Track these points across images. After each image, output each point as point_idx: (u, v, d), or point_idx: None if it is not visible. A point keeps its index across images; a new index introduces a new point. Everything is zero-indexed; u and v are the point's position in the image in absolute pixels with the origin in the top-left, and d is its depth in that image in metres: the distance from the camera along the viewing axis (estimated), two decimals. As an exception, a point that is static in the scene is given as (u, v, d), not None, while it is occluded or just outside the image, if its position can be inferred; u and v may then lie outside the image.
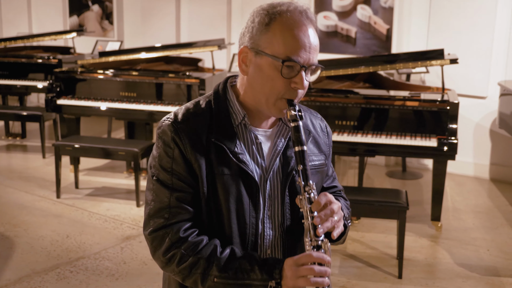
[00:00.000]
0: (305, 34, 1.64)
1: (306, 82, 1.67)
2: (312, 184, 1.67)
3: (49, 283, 3.98)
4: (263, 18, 1.67)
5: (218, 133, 1.72)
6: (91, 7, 9.03)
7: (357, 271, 4.24)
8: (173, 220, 1.73)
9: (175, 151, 1.72)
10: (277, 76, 1.65)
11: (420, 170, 6.69)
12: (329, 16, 6.95)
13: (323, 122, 1.96)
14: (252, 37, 1.69)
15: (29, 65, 7.41)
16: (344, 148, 4.80)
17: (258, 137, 1.78)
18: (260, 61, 1.67)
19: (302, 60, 1.64)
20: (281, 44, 1.64)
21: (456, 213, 5.41)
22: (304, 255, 1.64)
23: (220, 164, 1.71)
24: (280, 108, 1.69)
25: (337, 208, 1.69)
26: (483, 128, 6.41)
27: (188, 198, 1.73)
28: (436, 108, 4.70)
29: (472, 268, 4.31)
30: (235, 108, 1.76)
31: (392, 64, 4.98)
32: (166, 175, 1.74)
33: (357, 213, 4.29)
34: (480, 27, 6.17)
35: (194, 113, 1.76)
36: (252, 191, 1.74)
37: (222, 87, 1.80)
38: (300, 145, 1.67)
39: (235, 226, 1.75)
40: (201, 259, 1.70)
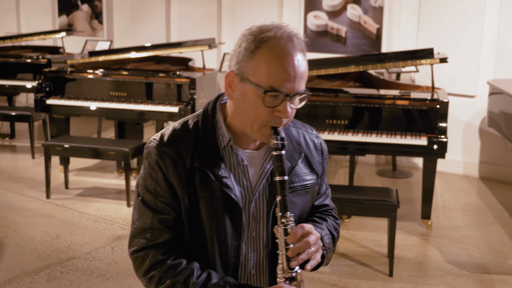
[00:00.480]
0: (290, 64, 1.61)
1: (290, 111, 1.65)
2: (290, 216, 1.66)
3: (39, 284, 3.97)
4: (249, 44, 1.64)
5: (202, 157, 1.72)
6: (80, 6, 9.00)
7: (348, 269, 4.25)
8: (155, 242, 1.75)
9: (158, 174, 1.74)
10: (260, 105, 1.63)
11: (410, 169, 6.72)
12: (319, 15, 6.97)
13: (318, 139, 1.93)
14: (238, 62, 1.66)
15: (17, 65, 7.38)
16: (335, 147, 4.81)
17: (244, 160, 1.77)
18: (245, 87, 1.65)
19: (286, 90, 1.62)
20: (265, 74, 1.61)
21: (446, 211, 5.44)
22: (275, 287, 1.64)
23: (203, 188, 1.72)
24: (264, 135, 1.68)
25: (314, 240, 1.68)
26: (472, 127, 6.44)
27: (170, 221, 1.75)
28: (426, 107, 4.72)
29: (462, 266, 4.33)
30: (222, 130, 1.76)
31: (382, 63, 5.00)
32: (150, 196, 1.76)
33: (348, 212, 4.31)
34: (469, 26, 6.20)
35: (180, 135, 1.76)
36: (235, 214, 1.74)
37: (211, 107, 1.80)
38: (281, 175, 1.66)
39: (217, 249, 1.76)
40: (177, 283, 1.71)
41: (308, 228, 1.68)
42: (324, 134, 4.79)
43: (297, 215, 1.83)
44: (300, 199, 1.82)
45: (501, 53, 6.12)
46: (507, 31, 6.06)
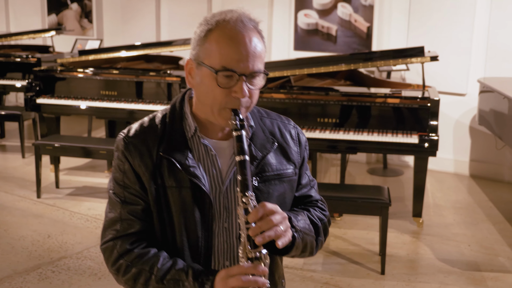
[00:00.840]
0: (240, 42, 1.62)
1: (247, 91, 1.65)
2: (251, 195, 1.61)
3: (31, 284, 3.95)
4: (203, 29, 1.67)
5: (168, 146, 1.73)
6: (70, 5, 8.95)
7: (340, 267, 4.26)
8: (124, 233, 1.76)
9: (125, 165, 1.75)
10: (215, 86, 1.64)
11: (401, 167, 6.74)
12: (310, 14, 6.97)
13: (295, 130, 1.92)
14: (194, 48, 1.70)
15: (7, 64, 7.34)
16: (326, 146, 4.81)
17: (212, 149, 1.76)
18: (201, 72, 1.67)
19: (239, 69, 1.62)
20: (217, 54, 1.63)
21: (437, 209, 5.46)
22: (236, 266, 1.62)
23: (171, 178, 1.72)
24: (226, 118, 1.68)
25: (279, 219, 1.62)
26: (463, 125, 6.47)
27: (139, 211, 1.75)
28: (417, 105, 4.73)
29: (454, 263, 4.35)
30: (188, 120, 1.77)
31: (373, 61, 5.00)
32: (119, 188, 1.77)
33: (340, 210, 4.32)
34: (459, 24, 6.23)
35: (148, 127, 1.78)
36: (204, 204, 1.73)
37: (180, 100, 1.81)
38: (241, 155, 1.64)
39: (185, 239, 1.75)
40: (143, 270, 1.71)
41: (271, 206, 1.62)
42: (315, 132, 4.79)
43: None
44: (274, 188, 1.80)
45: (491, 51, 6.15)
46: (497, 29, 6.08)
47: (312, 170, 5.48)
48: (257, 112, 1.88)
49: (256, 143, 1.80)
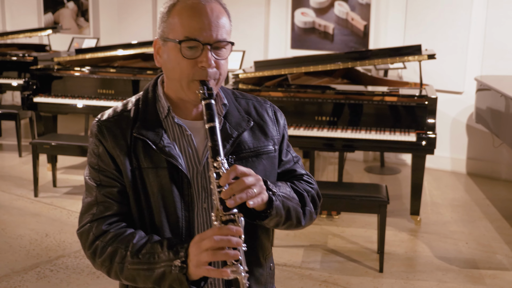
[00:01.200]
0: (202, 12, 1.64)
1: (212, 61, 1.65)
2: (222, 160, 1.59)
3: (29, 282, 3.94)
4: (166, 7, 1.70)
5: (141, 127, 1.73)
6: (66, 4, 8.94)
7: (339, 265, 4.27)
8: (100, 215, 1.73)
9: (99, 148, 1.74)
10: (181, 58, 1.65)
11: (398, 165, 6.75)
12: (307, 12, 6.97)
13: (272, 108, 1.91)
14: (159, 26, 1.72)
15: (3, 62, 7.31)
16: (324, 144, 4.81)
17: (187, 129, 1.75)
18: (167, 48, 1.69)
19: (202, 38, 1.63)
20: (179, 26, 1.65)
21: (434, 207, 5.47)
22: (209, 229, 1.56)
23: (147, 158, 1.71)
24: (195, 91, 1.68)
25: (252, 180, 1.59)
26: (460, 123, 6.48)
27: (115, 193, 1.73)
28: (414, 103, 4.74)
29: (451, 261, 4.36)
30: (161, 101, 1.77)
31: (370, 60, 5.01)
32: (94, 172, 1.75)
33: (338, 208, 4.32)
34: (456, 22, 6.24)
35: (121, 110, 1.79)
36: (182, 184, 1.72)
37: (153, 83, 1.82)
38: (210, 122, 1.63)
39: (165, 220, 1.72)
40: (118, 249, 1.67)
41: (244, 169, 1.58)
42: (313, 130, 4.79)
43: None
44: (252, 166, 1.76)
45: (488, 49, 6.16)
46: (494, 27, 6.10)
47: (310, 169, 5.49)
48: (232, 93, 1.88)
49: (231, 122, 1.79)
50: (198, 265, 1.54)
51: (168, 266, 1.59)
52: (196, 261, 1.54)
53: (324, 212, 5.06)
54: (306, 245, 4.58)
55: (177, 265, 1.57)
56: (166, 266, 1.59)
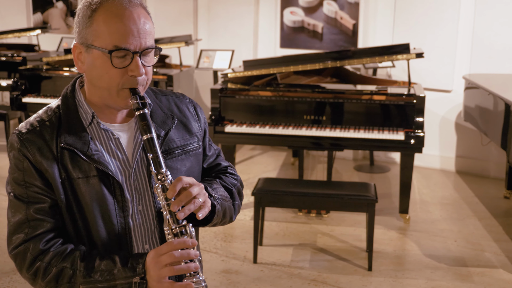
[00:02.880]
0: (129, 19, 1.60)
1: (143, 69, 1.64)
2: (165, 171, 1.62)
3: (17, 283, 3.93)
4: (86, 11, 1.63)
5: (67, 137, 1.67)
6: (55, 3, 8.90)
7: (328, 264, 4.28)
8: (33, 234, 1.67)
9: (24, 163, 1.66)
10: (110, 67, 1.61)
11: (387, 163, 6.76)
12: (296, 11, 6.97)
13: (191, 104, 1.92)
14: (80, 32, 1.65)
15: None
16: (313, 143, 4.82)
17: (114, 133, 1.73)
18: (92, 55, 1.64)
19: (132, 46, 1.60)
20: (106, 34, 1.60)
21: (423, 205, 5.48)
22: (165, 244, 1.59)
23: (76, 168, 1.66)
24: (125, 98, 1.66)
25: (197, 190, 1.63)
26: (449, 122, 6.50)
27: (46, 209, 1.68)
28: (403, 102, 4.75)
29: (440, 259, 4.38)
30: (84, 108, 1.72)
31: (359, 59, 5.02)
32: (20, 189, 1.68)
33: (327, 207, 4.34)
34: (444, 21, 6.26)
35: (42, 120, 1.71)
36: (115, 190, 1.70)
37: (71, 89, 1.76)
38: (147, 133, 1.62)
39: (102, 229, 1.70)
40: (65, 269, 1.64)
41: (188, 180, 1.62)
42: (302, 129, 4.80)
43: None
44: (181, 163, 1.79)
45: (477, 47, 6.18)
46: (482, 25, 6.12)
47: (299, 168, 5.49)
48: (151, 90, 1.86)
49: (157, 120, 1.78)
50: (159, 280, 1.58)
51: (127, 283, 1.61)
52: (157, 276, 1.58)
53: (314, 211, 5.07)
54: (295, 244, 4.59)
55: (136, 281, 1.60)
56: (125, 283, 1.61)
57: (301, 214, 5.11)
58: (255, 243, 4.25)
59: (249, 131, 4.86)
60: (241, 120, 4.96)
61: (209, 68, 6.39)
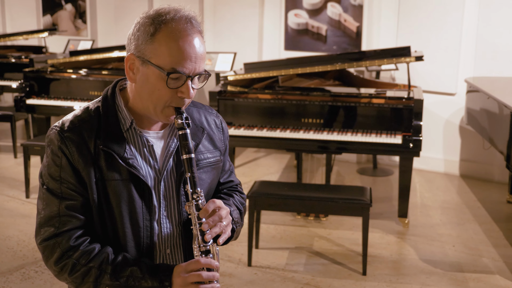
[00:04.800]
0: (190, 45, 1.66)
1: (192, 92, 1.71)
2: (200, 192, 1.72)
3: (13, 284, 3.97)
4: (148, 27, 1.68)
5: (106, 139, 1.74)
6: (64, 6, 8.97)
7: (322, 268, 4.27)
8: (63, 229, 1.74)
9: (62, 159, 1.73)
10: (163, 86, 1.68)
11: (391, 167, 6.73)
12: (300, 14, 6.97)
13: (218, 118, 2.00)
14: (138, 45, 1.70)
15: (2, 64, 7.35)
16: (311, 146, 4.81)
17: (149, 140, 1.80)
18: (147, 70, 1.69)
19: (187, 70, 1.67)
20: (166, 55, 1.66)
21: (424, 210, 5.45)
22: (192, 262, 1.69)
23: (110, 170, 1.74)
24: (168, 116, 1.73)
25: (225, 214, 1.76)
26: (453, 125, 6.46)
27: (78, 206, 1.75)
28: (401, 105, 4.73)
29: (436, 264, 4.35)
30: (123, 113, 1.78)
31: (359, 61, 5.00)
32: (55, 183, 1.75)
33: (322, 211, 4.31)
34: (448, 23, 6.22)
35: (82, 120, 1.77)
36: (144, 194, 1.77)
37: (111, 92, 1.82)
38: (187, 153, 1.72)
39: (129, 230, 1.77)
40: (92, 268, 1.72)
41: (218, 203, 1.75)
42: (299, 133, 4.79)
43: (205, 192, 1.88)
44: (207, 175, 1.89)
45: (480, 50, 6.13)
46: (486, 28, 6.07)
47: (297, 171, 5.49)
48: None
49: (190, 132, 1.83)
50: None
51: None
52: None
53: (312, 214, 5.06)
54: (291, 247, 4.59)
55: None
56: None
57: (300, 217, 5.11)
58: (249, 246, 4.26)
59: (246, 134, 4.86)
60: (239, 123, 4.97)
61: (211, 70, 6.40)
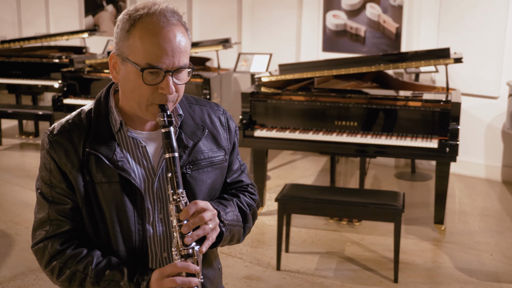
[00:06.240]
0: (165, 39, 1.61)
1: (173, 87, 1.64)
2: (182, 192, 1.64)
3: (42, 281, 4.00)
4: (125, 24, 1.64)
5: (94, 142, 1.71)
6: (105, 7, 9.07)
7: (353, 274, 4.16)
8: (54, 233, 1.74)
9: (51, 164, 1.73)
10: (142, 83, 1.63)
11: (430, 171, 6.55)
12: (338, 15, 6.86)
13: (224, 116, 1.92)
14: (117, 43, 1.67)
15: (41, 64, 7.46)
16: (344, 149, 4.71)
17: (141, 141, 1.75)
18: (126, 68, 1.66)
19: (164, 65, 1.61)
20: (141, 51, 1.62)
21: (462, 216, 5.28)
22: (169, 266, 1.63)
23: (100, 173, 1.71)
24: (154, 114, 1.67)
25: (210, 216, 1.66)
26: (495, 129, 6.25)
27: (67, 211, 1.74)
28: (438, 108, 4.59)
29: (472, 273, 4.19)
30: (114, 114, 1.74)
31: (395, 63, 4.88)
32: (46, 188, 1.75)
33: (354, 215, 4.22)
34: (491, 25, 6.01)
35: (72, 123, 1.76)
36: (136, 197, 1.72)
37: (104, 94, 1.79)
38: (170, 152, 1.65)
39: (119, 234, 1.74)
40: (77, 272, 1.71)
41: (202, 204, 1.66)
42: (333, 135, 4.70)
43: (205, 193, 1.81)
44: (207, 176, 1.81)
45: (525, 52, 5.92)
46: (531, 30, 5.86)
47: (331, 173, 5.39)
48: (186, 99, 1.87)
49: (187, 131, 1.79)
50: None
51: None
52: None
53: (345, 219, 4.96)
54: (322, 252, 4.50)
55: None
56: None
57: (332, 222, 5.01)
58: (278, 250, 4.19)
59: (278, 136, 4.80)
60: (272, 124, 4.90)
61: (247, 71, 6.36)
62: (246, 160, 6.74)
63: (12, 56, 7.57)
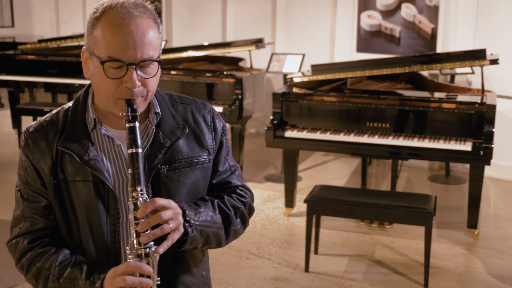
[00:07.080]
0: (126, 31, 1.56)
1: (137, 81, 1.59)
2: (141, 190, 1.58)
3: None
4: (92, 18, 1.62)
5: (66, 140, 1.68)
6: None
7: (382, 277, 4.11)
8: (27, 230, 1.73)
9: (26, 161, 1.72)
10: (106, 77, 1.59)
11: (464, 174, 6.42)
12: (373, 15, 6.79)
13: (210, 115, 1.84)
14: (86, 38, 1.64)
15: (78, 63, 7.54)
16: (376, 151, 4.65)
17: (116, 140, 1.71)
18: (93, 62, 1.62)
19: (126, 58, 1.57)
20: (103, 44, 1.58)
21: (497, 221, 5.17)
22: (122, 264, 1.59)
23: (73, 171, 1.68)
24: (121, 108, 1.62)
25: (170, 215, 1.59)
26: (533, 132, 6.10)
27: (40, 209, 1.72)
28: (473, 110, 4.50)
29: (505, 279, 4.10)
30: (89, 112, 1.71)
31: (429, 64, 4.80)
32: (22, 185, 1.75)
33: (384, 218, 4.15)
34: (530, 26, 5.88)
35: (50, 121, 1.74)
36: (108, 197, 1.69)
37: (84, 91, 1.76)
38: (133, 148, 1.59)
39: (90, 234, 1.71)
40: (42, 269, 1.69)
41: (163, 202, 1.59)
42: (364, 137, 4.65)
43: (184, 194, 1.74)
44: (185, 176, 1.74)
45: None
46: None
47: (362, 175, 5.33)
48: (169, 97, 1.81)
49: (165, 130, 1.73)
50: None
51: None
52: None
53: (376, 221, 4.90)
54: (352, 254, 4.45)
55: None
56: None
57: (363, 224, 4.95)
58: (307, 252, 4.16)
59: (309, 137, 4.76)
60: (303, 125, 4.87)
61: (279, 71, 6.33)
62: (278, 161, 6.72)
63: (48, 55, 7.68)
